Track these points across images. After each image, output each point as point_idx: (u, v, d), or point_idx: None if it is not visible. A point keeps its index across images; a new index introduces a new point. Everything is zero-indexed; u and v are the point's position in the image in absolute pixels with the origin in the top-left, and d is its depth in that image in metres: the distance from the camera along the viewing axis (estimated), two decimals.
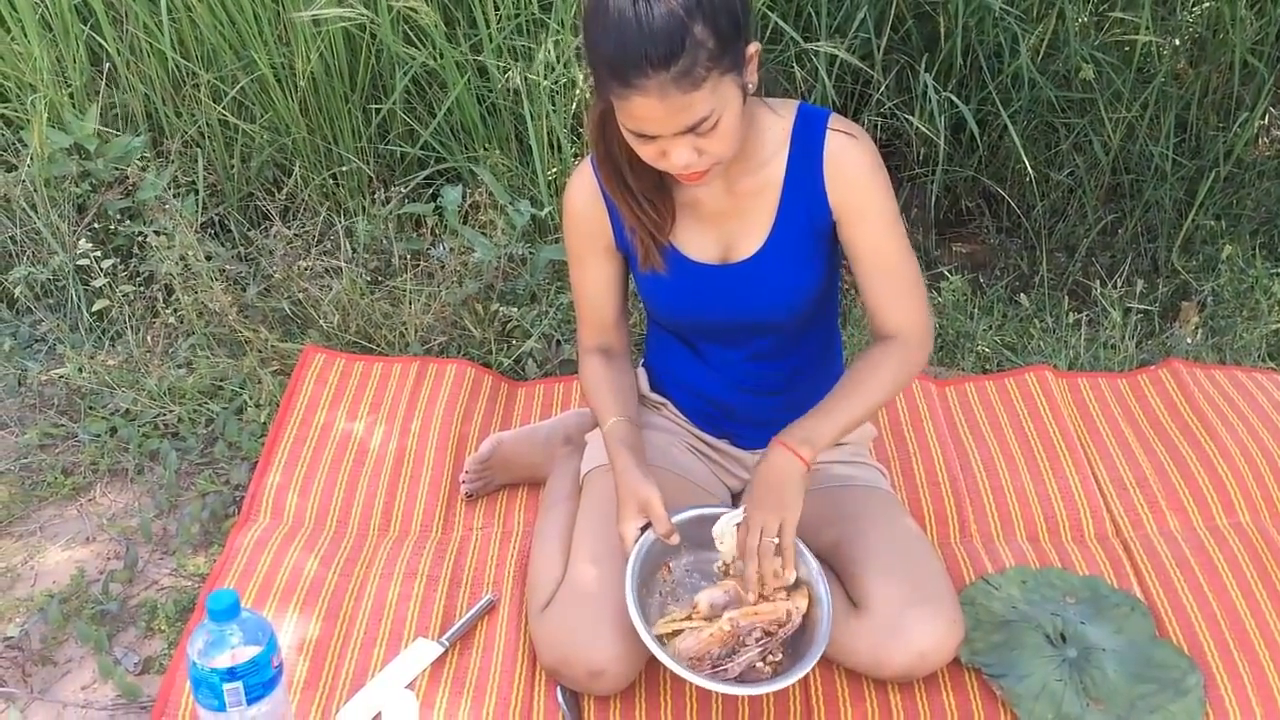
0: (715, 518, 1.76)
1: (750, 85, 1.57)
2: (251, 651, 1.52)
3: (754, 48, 1.55)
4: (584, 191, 1.80)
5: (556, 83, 2.77)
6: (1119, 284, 2.80)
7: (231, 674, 1.50)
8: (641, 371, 2.05)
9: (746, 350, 1.86)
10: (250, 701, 1.53)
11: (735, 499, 1.99)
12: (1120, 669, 1.79)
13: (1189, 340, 2.63)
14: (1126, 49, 3.06)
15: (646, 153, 1.58)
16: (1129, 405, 2.40)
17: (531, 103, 2.77)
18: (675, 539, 1.72)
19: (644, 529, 1.72)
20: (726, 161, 1.61)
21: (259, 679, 1.53)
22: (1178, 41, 3.13)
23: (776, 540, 1.65)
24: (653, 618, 1.70)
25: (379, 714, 1.73)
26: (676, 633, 1.67)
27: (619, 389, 1.87)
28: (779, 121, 1.71)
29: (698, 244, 1.78)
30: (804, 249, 1.75)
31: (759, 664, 1.67)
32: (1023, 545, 2.05)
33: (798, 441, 1.67)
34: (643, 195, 1.72)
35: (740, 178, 1.72)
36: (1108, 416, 2.36)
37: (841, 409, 1.70)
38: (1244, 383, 2.42)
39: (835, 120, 1.70)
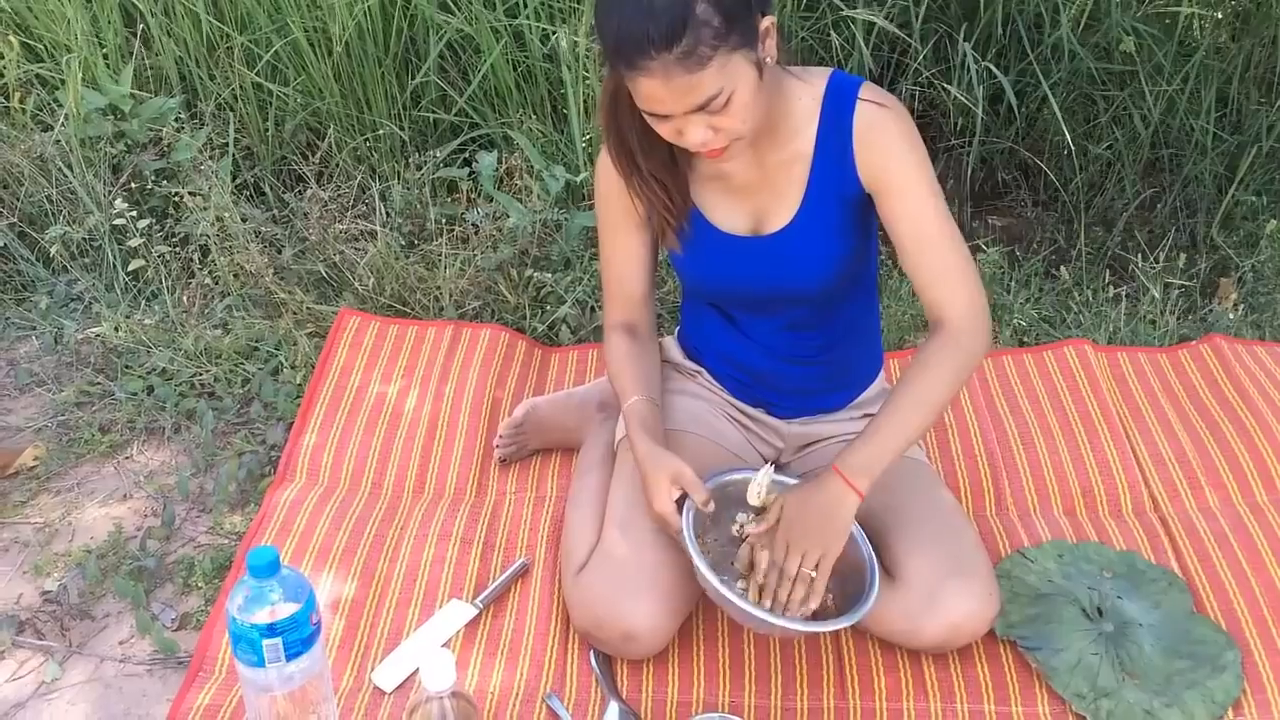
0: (738, 484, 1.76)
1: (768, 59, 1.55)
2: (291, 608, 1.52)
3: (769, 21, 1.53)
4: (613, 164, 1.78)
5: (592, 48, 2.75)
6: (1158, 259, 2.78)
7: (271, 630, 1.51)
8: (673, 340, 2.05)
9: (782, 320, 1.85)
10: (289, 658, 1.53)
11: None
12: (1157, 644, 1.78)
13: (1230, 316, 2.60)
14: (1168, 21, 3.02)
15: (663, 131, 1.56)
16: (1169, 380, 2.38)
17: (569, 67, 2.75)
18: (711, 506, 1.71)
19: (678, 502, 1.71)
20: (747, 137, 1.58)
21: (298, 635, 1.53)
22: (1220, 14, 3.09)
23: (813, 574, 1.63)
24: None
25: (415, 671, 1.75)
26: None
27: (641, 368, 1.86)
28: (809, 92, 1.68)
29: (728, 216, 1.76)
30: (835, 220, 1.73)
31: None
32: (1059, 519, 2.04)
33: (854, 472, 1.62)
34: (652, 175, 1.71)
35: (769, 150, 1.70)
36: (1147, 391, 2.34)
37: (898, 427, 1.63)
38: None
39: (867, 90, 1.67)
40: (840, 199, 1.71)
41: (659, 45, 1.43)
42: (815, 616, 1.66)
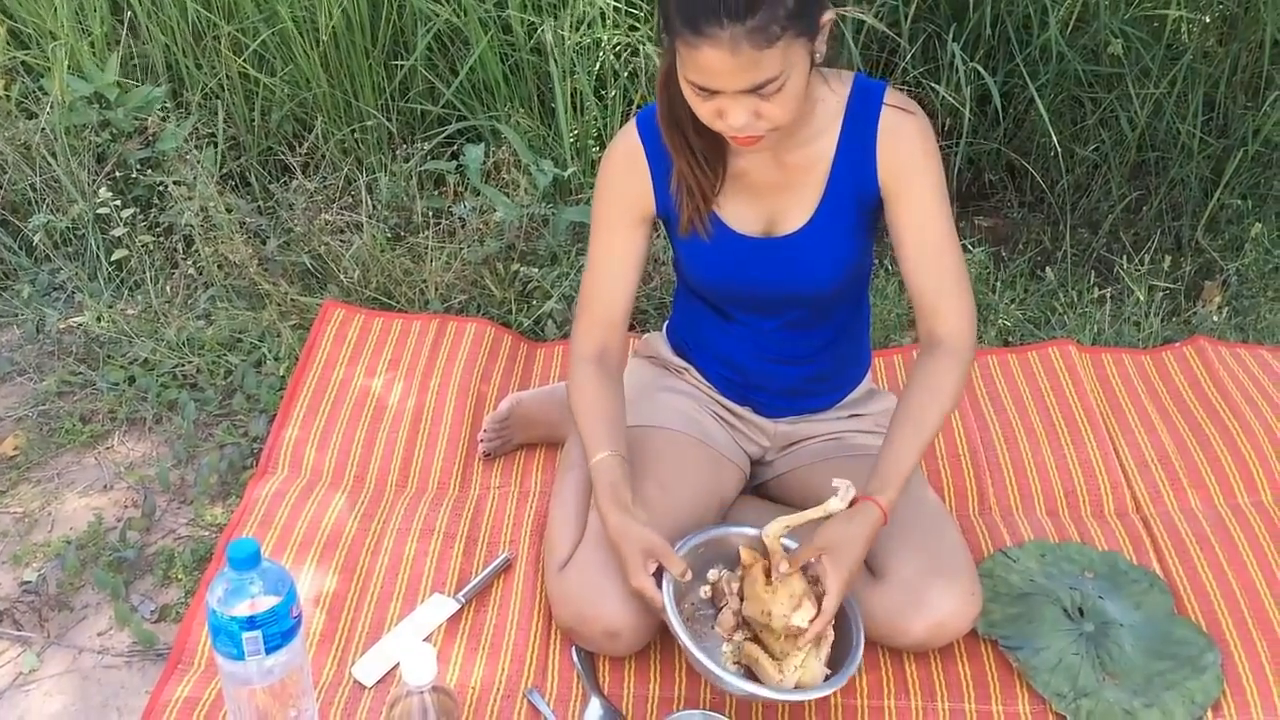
0: (710, 544, 1.74)
1: (819, 54, 1.53)
2: (271, 601, 1.51)
3: (829, 15, 1.52)
4: (626, 154, 1.75)
5: (581, 42, 2.74)
6: (1143, 261, 2.78)
7: (251, 623, 1.50)
8: (660, 336, 2.04)
9: (780, 320, 1.84)
10: (269, 651, 1.52)
11: (755, 465, 1.99)
12: (1137, 644, 1.78)
13: (1214, 319, 2.61)
14: (1156, 24, 3.02)
15: (703, 110, 1.54)
16: (1153, 381, 2.38)
17: (557, 62, 2.74)
18: (689, 576, 1.66)
19: (655, 574, 1.67)
20: (783, 130, 1.57)
21: (278, 629, 1.52)
22: (1208, 18, 3.10)
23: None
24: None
25: (396, 665, 1.74)
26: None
27: (611, 416, 1.79)
28: (834, 93, 1.67)
29: (742, 215, 1.75)
30: (848, 224, 1.73)
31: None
32: (1042, 519, 2.05)
33: (891, 504, 1.64)
34: (702, 154, 1.68)
35: (791, 150, 1.69)
36: (1131, 392, 2.35)
37: (913, 451, 1.66)
38: (1270, 362, 2.40)
39: (891, 95, 1.67)
40: (857, 203, 1.71)
41: (733, 14, 1.41)
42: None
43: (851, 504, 1.62)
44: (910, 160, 1.66)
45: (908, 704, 1.72)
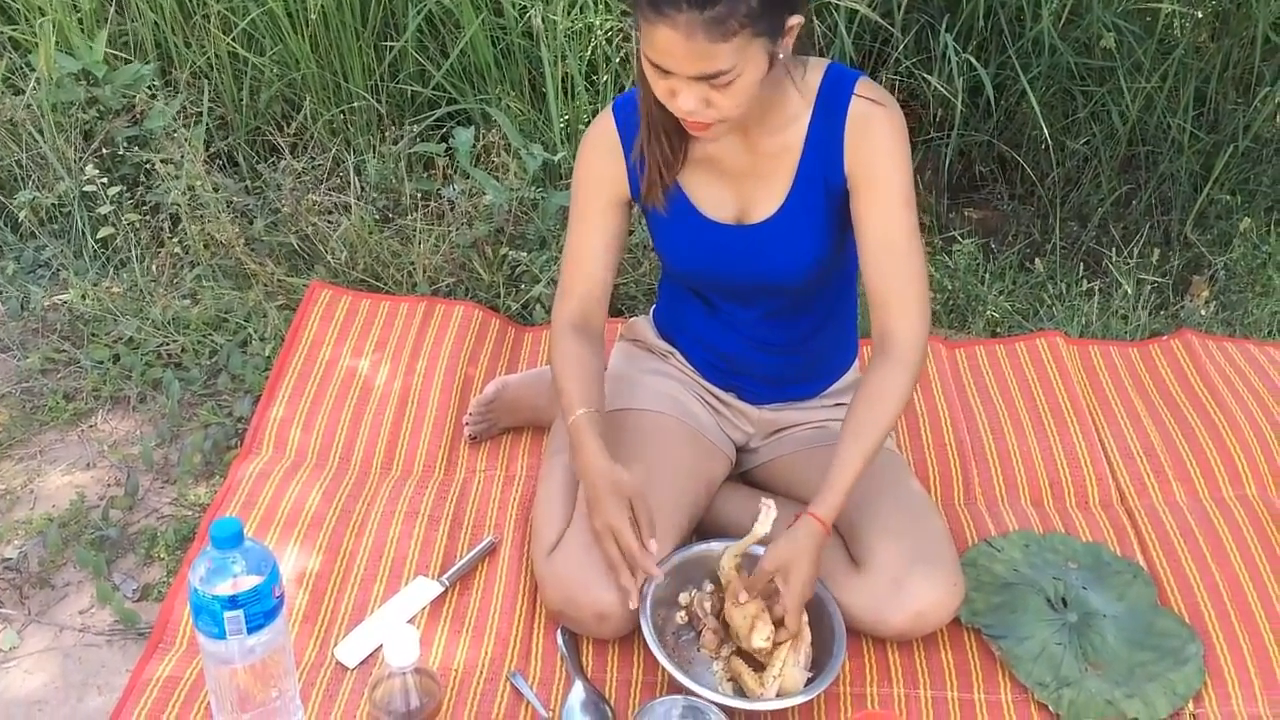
0: (693, 560, 1.76)
1: (781, 55, 1.53)
2: (253, 580, 1.51)
3: (796, 20, 1.51)
4: (603, 138, 1.76)
5: (572, 26, 2.73)
6: (1132, 254, 2.79)
7: (233, 602, 1.49)
8: (646, 320, 2.04)
9: (761, 309, 1.84)
10: (250, 630, 1.51)
11: (740, 453, 1.98)
12: (1120, 635, 1.79)
13: (1202, 313, 2.62)
14: (1149, 18, 3.03)
15: (658, 87, 1.55)
16: (1139, 374, 2.39)
17: (548, 46, 2.73)
18: (654, 545, 1.68)
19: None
20: (733, 122, 1.57)
21: (260, 608, 1.51)
22: (1200, 14, 3.10)
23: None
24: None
25: (379, 647, 1.73)
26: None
27: (590, 378, 1.80)
28: (806, 82, 1.66)
29: (715, 202, 1.75)
30: (821, 213, 1.72)
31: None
32: (1026, 509, 2.05)
33: (830, 515, 1.65)
34: (663, 128, 1.68)
35: (762, 138, 1.68)
36: (1117, 384, 2.35)
37: (858, 461, 1.65)
38: (1256, 356, 2.41)
39: (863, 85, 1.66)
40: (827, 192, 1.70)
41: (693, 1, 1.41)
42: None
43: (795, 519, 1.66)
44: (876, 150, 1.65)
45: (890, 691, 1.72)
